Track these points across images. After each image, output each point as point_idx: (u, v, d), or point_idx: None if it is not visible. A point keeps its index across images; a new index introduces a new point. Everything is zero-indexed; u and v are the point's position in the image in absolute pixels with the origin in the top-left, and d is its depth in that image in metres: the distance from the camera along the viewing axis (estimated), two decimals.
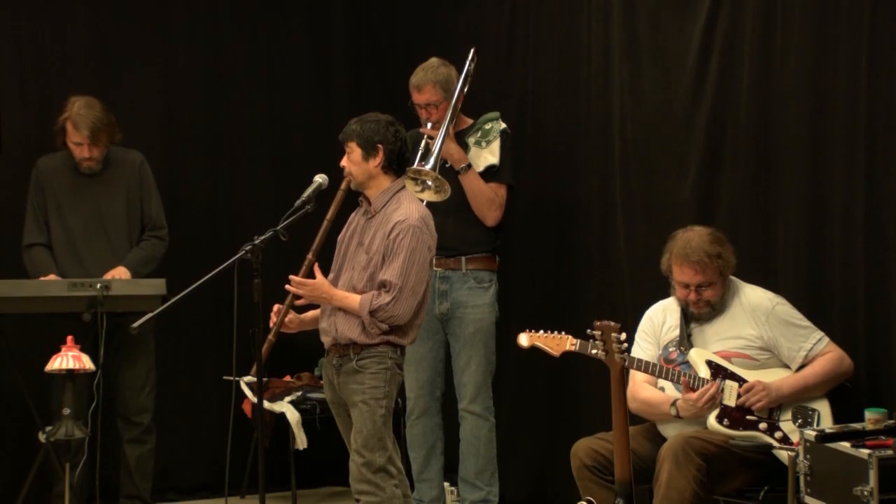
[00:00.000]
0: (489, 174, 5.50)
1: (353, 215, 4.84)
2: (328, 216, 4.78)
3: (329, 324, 4.66)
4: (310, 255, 4.72)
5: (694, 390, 4.48)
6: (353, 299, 4.57)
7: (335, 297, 4.62)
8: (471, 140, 5.54)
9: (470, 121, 5.59)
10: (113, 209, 5.75)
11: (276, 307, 4.74)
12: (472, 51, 5.49)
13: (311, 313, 4.80)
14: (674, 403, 4.54)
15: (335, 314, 4.64)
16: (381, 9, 6.89)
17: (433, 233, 4.68)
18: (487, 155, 5.51)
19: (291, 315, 4.74)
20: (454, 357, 5.61)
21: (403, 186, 4.74)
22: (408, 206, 4.63)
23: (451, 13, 6.49)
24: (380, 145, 4.63)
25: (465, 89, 5.47)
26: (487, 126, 5.55)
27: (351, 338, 4.58)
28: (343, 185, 4.80)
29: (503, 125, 5.56)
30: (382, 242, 4.58)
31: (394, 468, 4.61)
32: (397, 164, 4.69)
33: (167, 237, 5.88)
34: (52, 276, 5.55)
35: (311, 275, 4.67)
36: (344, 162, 4.70)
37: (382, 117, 4.72)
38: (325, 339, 4.71)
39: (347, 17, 6.90)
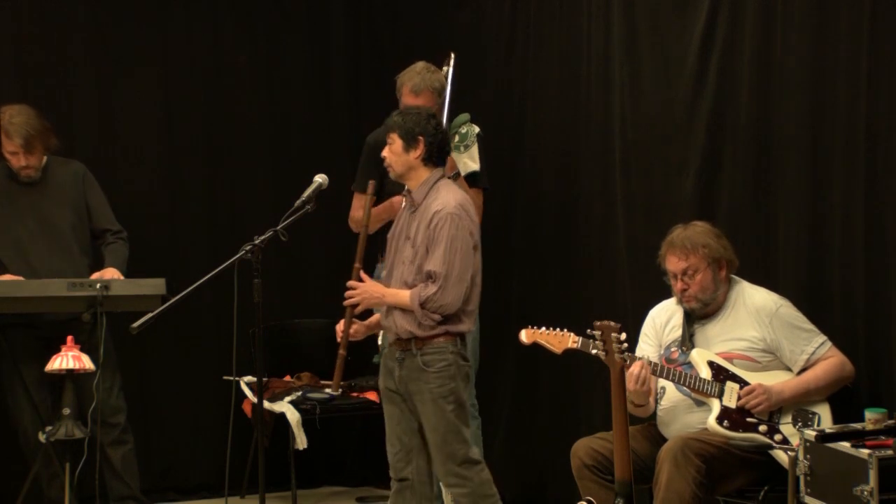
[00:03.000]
0: (470, 180, 5.49)
1: (400, 211, 4.91)
2: (364, 222, 4.88)
3: (389, 321, 4.76)
4: (356, 264, 4.82)
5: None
6: (404, 295, 4.66)
7: (387, 296, 4.73)
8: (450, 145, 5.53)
9: None
10: (59, 217, 5.67)
11: (340, 324, 4.83)
12: (451, 56, 5.48)
13: (374, 317, 4.91)
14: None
15: (392, 311, 4.73)
16: (381, 9, 6.90)
17: (473, 218, 4.75)
18: (468, 160, 5.50)
19: (356, 325, 4.85)
20: None
21: (442, 176, 4.80)
22: (445, 195, 4.70)
23: (452, 13, 6.50)
24: (420, 137, 4.70)
25: None
26: (463, 130, 5.53)
27: (410, 331, 4.67)
28: (370, 190, 4.90)
29: (477, 128, 5.55)
30: (425, 234, 4.66)
31: (475, 456, 4.73)
32: (437, 157, 4.76)
33: (127, 238, 5.83)
34: (7, 276, 5.49)
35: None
36: (385, 152, 4.77)
37: (424, 110, 4.81)
38: (389, 336, 4.81)
39: (347, 17, 6.90)
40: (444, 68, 5.45)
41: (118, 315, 5.38)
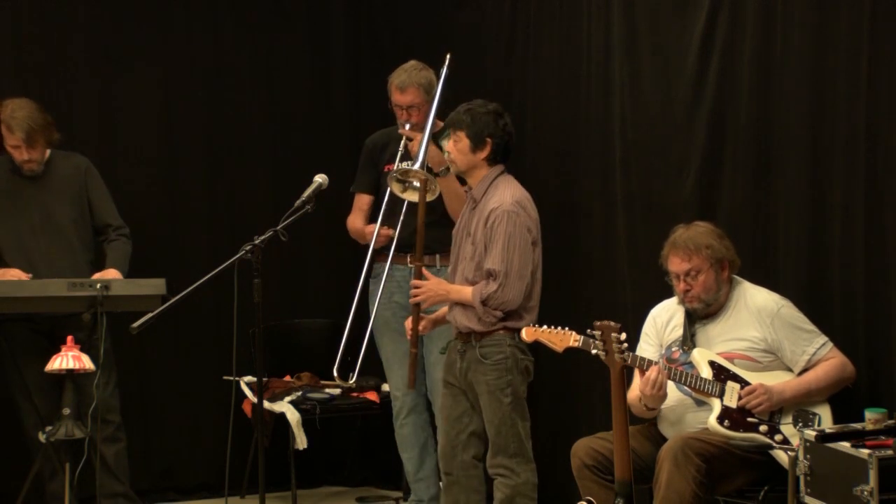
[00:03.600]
0: (460, 177, 5.49)
1: (464, 208, 4.96)
2: (419, 222, 4.92)
3: (451, 316, 4.88)
4: (416, 262, 4.93)
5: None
6: (467, 292, 4.76)
7: (451, 293, 4.83)
8: (444, 143, 5.53)
9: (440, 123, 5.57)
10: (61, 212, 5.68)
11: (408, 321, 4.97)
12: (447, 56, 5.48)
13: (440, 311, 5.00)
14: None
15: (454, 306, 4.84)
16: (381, 9, 6.90)
17: (531, 214, 4.80)
18: None
19: (423, 320, 4.97)
20: (427, 354, 5.57)
21: (501, 172, 4.84)
22: (502, 192, 4.76)
23: (451, 13, 6.50)
24: (489, 139, 4.78)
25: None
26: None
27: (469, 326, 4.77)
28: (421, 186, 4.92)
29: None
30: (483, 231, 4.73)
31: (528, 452, 4.81)
32: (502, 155, 4.84)
33: (130, 234, 5.84)
34: (14, 272, 5.49)
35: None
36: (449, 147, 4.84)
37: (491, 107, 4.87)
38: (454, 330, 4.91)
39: (347, 17, 6.90)
40: (443, 69, 5.46)
41: (118, 315, 5.38)
